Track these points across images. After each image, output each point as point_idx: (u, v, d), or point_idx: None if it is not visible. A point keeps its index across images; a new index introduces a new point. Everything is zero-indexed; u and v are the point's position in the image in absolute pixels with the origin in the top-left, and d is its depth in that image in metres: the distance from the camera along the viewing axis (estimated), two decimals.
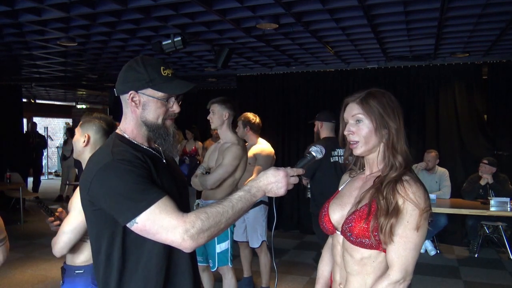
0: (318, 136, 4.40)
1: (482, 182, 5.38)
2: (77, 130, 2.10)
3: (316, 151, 1.51)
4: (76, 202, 1.90)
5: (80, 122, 2.12)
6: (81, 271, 1.99)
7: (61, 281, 2.09)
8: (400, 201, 1.39)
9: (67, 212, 2.14)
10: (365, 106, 1.47)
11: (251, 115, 4.19)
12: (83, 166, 2.07)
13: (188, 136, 7.16)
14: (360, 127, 1.48)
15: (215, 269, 3.30)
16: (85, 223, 1.85)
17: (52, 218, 2.09)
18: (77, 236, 1.90)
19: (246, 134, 4.17)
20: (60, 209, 2.13)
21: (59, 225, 2.08)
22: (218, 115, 3.29)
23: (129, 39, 4.83)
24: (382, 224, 1.36)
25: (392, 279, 1.38)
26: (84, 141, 2.05)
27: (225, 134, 3.35)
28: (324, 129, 4.13)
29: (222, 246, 3.26)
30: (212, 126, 3.35)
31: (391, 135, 1.46)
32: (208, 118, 3.34)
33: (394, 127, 1.46)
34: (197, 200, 3.48)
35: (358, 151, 1.50)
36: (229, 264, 3.30)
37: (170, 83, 1.42)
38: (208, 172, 3.37)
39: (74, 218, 1.90)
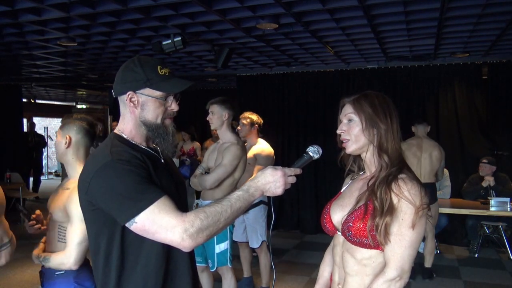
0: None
1: (484, 184, 5.37)
2: (58, 133, 2.09)
3: (313, 151, 1.52)
4: (74, 209, 1.88)
5: (60, 125, 2.11)
6: (61, 272, 1.98)
7: (40, 287, 2.08)
8: (395, 200, 1.40)
9: (45, 213, 2.12)
10: (356, 105, 1.52)
11: (255, 115, 4.20)
12: (66, 169, 2.08)
13: (185, 138, 7.15)
14: (351, 126, 1.52)
15: (214, 269, 3.30)
16: None
17: (33, 222, 2.08)
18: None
19: (251, 134, 4.18)
20: (38, 211, 2.11)
21: (40, 228, 2.06)
22: (217, 116, 3.28)
23: (129, 39, 4.83)
24: (377, 224, 1.37)
25: (388, 277, 1.39)
26: (66, 142, 2.03)
27: (225, 134, 3.34)
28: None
29: (221, 247, 3.25)
30: (212, 127, 3.34)
31: (379, 135, 1.49)
32: (207, 119, 3.33)
33: (383, 128, 1.48)
34: (196, 200, 3.48)
35: (349, 149, 1.54)
36: (229, 264, 3.29)
37: (167, 82, 1.42)
38: (207, 172, 3.37)
39: (80, 227, 1.88)
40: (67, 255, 1.91)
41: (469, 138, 6.03)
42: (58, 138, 2.08)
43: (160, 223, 1.25)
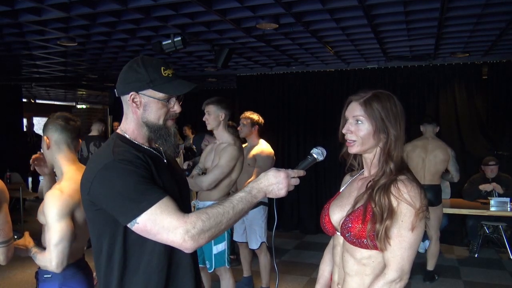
0: None
1: (488, 189, 5.32)
2: (43, 138, 2.06)
3: (317, 153, 1.52)
4: (47, 212, 1.85)
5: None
6: (49, 276, 1.94)
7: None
8: (395, 203, 1.39)
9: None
10: (367, 108, 1.46)
11: (256, 115, 4.17)
12: (56, 171, 2.05)
13: None
14: (359, 128, 1.48)
15: (212, 270, 3.30)
16: (68, 226, 1.83)
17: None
18: (69, 242, 1.85)
19: (252, 134, 4.16)
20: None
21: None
22: (214, 116, 3.26)
23: (129, 39, 4.83)
24: (378, 230, 1.37)
25: (388, 278, 1.39)
26: (46, 144, 1.99)
27: (221, 135, 3.33)
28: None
29: (219, 247, 3.25)
30: (209, 127, 3.32)
31: (389, 141, 1.46)
32: (203, 119, 3.31)
33: (394, 134, 1.45)
34: (193, 201, 3.47)
35: (353, 150, 1.51)
36: (226, 265, 3.29)
37: (170, 83, 1.42)
38: (204, 172, 3.36)
39: (55, 227, 1.84)
40: (48, 259, 1.85)
41: (469, 138, 6.02)
42: (42, 143, 2.05)
43: (161, 224, 1.25)
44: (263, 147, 4.18)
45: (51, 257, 1.84)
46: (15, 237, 2.01)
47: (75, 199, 1.86)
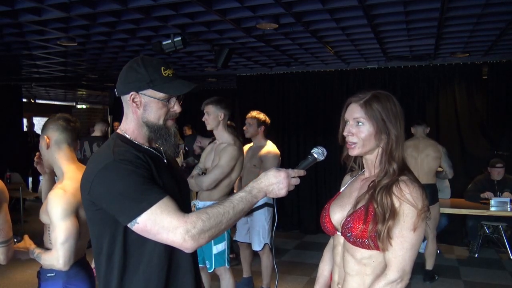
0: None
1: (489, 196, 5.27)
2: (40, 139, 2.05)
3: (317, 153, 1.52)
4: (52, 211, 1.86)
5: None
6: (52, 274, 1.95)
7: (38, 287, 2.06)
8: (397, 203, 1.39)
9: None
10: (368, 109, 1.46)
11: (262, 115, 4.15)
12: (56, 171, 2.04)
13: None
14: (360, 130, 1.48)
15: (211, 270, 3.30)
16: (73, 224, 1.84)
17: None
18: (75, 240, 1.87)
19: (257, 135, 4.14)
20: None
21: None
22: (213, 116, 3.25)
23: (129, 39, 4.83)
24: (380, 231, 1.37)
25: (389, 278, 1.39)
26: (46, 143, 1.99)
27: (221, 135, 3.33)
28: None
29: (218, 247, 3.25)
30: (208, 128, 3.31)
31: (391, 141, 1.46)
32: (203, 119, 3.30)
33: (395, 133, 1.46)
34: (193, 201, 3.47)
35: (354, 152, 1.51)
36: (226, 265, 3.29)
37: (170, 83, 1.42)
38: (204, 172, 3.36)
39: (61, 226, 1.85)
40: (55, 257, 1.87)
41: (469, 138, 6.02)
42: (40, 143, 2.04)
43: (161, 224, 1.25)
44: (269, 148, 4.14)
45: (58, 255, 1.86)
46: (15, 240, 2.01)
47: (78, 198, 1.87)
